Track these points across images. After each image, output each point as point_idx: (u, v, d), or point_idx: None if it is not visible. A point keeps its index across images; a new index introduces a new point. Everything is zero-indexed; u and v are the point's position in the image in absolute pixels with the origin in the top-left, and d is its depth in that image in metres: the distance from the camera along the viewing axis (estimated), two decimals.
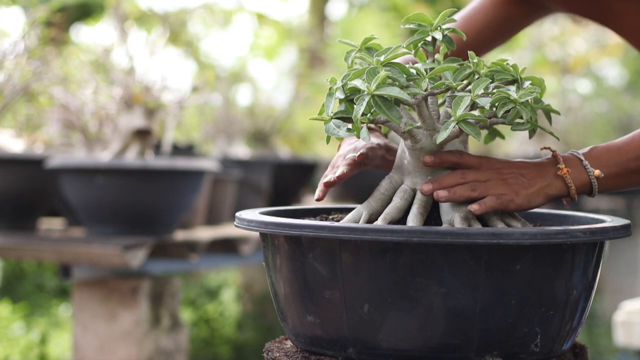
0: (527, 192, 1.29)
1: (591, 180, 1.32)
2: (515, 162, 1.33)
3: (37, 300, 5.11)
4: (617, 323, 2.85)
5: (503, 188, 1.28)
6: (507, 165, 1.32)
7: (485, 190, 1.28)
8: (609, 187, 1.35)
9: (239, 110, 4.43)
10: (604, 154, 1.34)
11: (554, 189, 1.31)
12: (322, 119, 1.24)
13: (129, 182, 2.66)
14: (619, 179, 1.35)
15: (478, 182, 1.28)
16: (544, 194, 1.30)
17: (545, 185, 1.30)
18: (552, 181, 1.31)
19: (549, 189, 1.31)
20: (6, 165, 2.88)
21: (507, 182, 1.29)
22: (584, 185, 1.32)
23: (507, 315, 1.18)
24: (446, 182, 1.29)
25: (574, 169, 1.32)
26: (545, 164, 1.33)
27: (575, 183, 1.31)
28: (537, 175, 1.31)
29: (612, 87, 7.46)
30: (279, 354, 1.30)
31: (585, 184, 1.32)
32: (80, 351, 2.76)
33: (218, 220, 3.37)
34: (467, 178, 1.29)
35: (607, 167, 1.33)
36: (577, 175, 1.32)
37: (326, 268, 1.21)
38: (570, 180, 1.31)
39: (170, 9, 5.30)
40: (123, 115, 2.78)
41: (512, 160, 1.33)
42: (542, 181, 1.30)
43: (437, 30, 1.31)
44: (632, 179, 1.36)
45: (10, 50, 2.89)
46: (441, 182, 1.29)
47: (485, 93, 1.23)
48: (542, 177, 1.31)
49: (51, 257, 2.73)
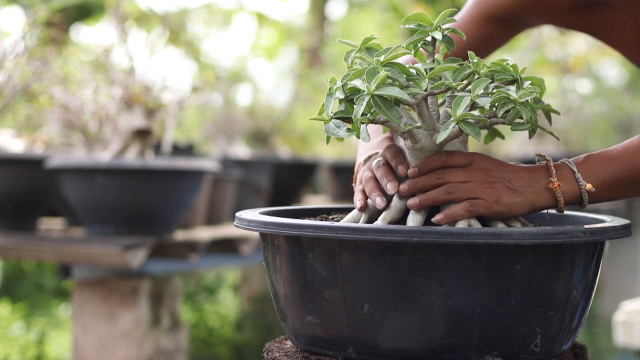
0: (510, 201, 1.25)
1: (582, 193, 1.28)
2: (507, 164, 1.29)
3: (37, 300, 5.11)
4: (617, 323, 2.85)
5: (485, 192, 1.24)
6: (497, 167, 1.27)
7: (464, 194, 1.24)
8: (600, 198, 1.31)
9: (239, 110, 4.43)
10: (597, 164, 1.30)
11: (542, 201, 1.27)
12: (322, 119, 1.24)
13: (129, 182, 2.66)
14: (611, 191, 1.31)
15: (456, 183, 1.24)
16: (529, 205, 1.27)
17: (533, 196, 1.26)
18: (541, 193, 1.27)
19: (536, 201, 1.27)
20: (6, 165, 2.88)
21: (491, 187, 1.25)
22: (574, 197, 1.29)
23: (507, 315, 1.18)
24: (422, 183, 1.25)
25: (565, 181, 1.28)
26: (537, 173, 1.28)
27: (565, 196, 1.28)
28: (526, 184, 1.27)
29: (612, 87, 7.46)
30: (279, 354, 1.30)
31: (575, 197, 1.29)
32: (80, 351, 2.76)
33: (218, 220, 3.37)
34: (445, 178, 1.25)
35: (599, 178, 1.29)
36: (567, 187, 1.28)
37: (326, 268, 1.21)
38: (560, 194, 1.27)
39: (170, 9, 5.30)
40: (123, 115, 2.78)
41: (505, 163, 1.29)
42: (530, 191, 1.26)
43: (437, 30, 1.31)
44: (624, 191, 1.32)
45: (10, 50, 2.89)
46: (417, 182, 1.25)
47: (485, 93, 1.23)
48: (531, 187, 1.27)
49: (51, 257, 2.73)
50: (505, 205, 1.25)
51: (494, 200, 1.24)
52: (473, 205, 1.23)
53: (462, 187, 1.24)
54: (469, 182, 1.25)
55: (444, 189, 1.24)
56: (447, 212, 1.23)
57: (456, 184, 1.25)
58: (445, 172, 1.26)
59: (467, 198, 1.24)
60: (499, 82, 1.27)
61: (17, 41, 2.92)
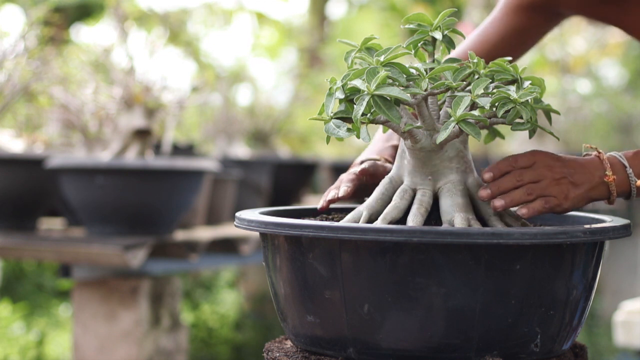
0: (575, 195, 1.30)
1: (632, 188, 1.33)
2: (565, 159, 1.33)
3: (37, 300, 5.11)
4: (617, 323, 2.85)
5: (555, 190, 1.30)
6: (559, 163, 1.32)
7: (540, 192, 1.29)
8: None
9: (239, 110, 4.43)
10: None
11: (597, 194, 1.33)
12: (322, 119, 1.24)
13: (129, 182, 2.66)
14: None
15: (533, 183, 1.29)
16: (587, 197, 1.32)
17: (590, 189, 1.32)
18: (597, 186, 1.32)
19: (592, 193, 1.32)
20: (6, 165, 2.87)
21: (559, 184, 1.30)
22: (624, 192, 1.34)
23: (507, 315, 1.18)
24: (504, 186, 1.29)
25: (617, 175, 1.33)
26: (591, 166, 1.33)
27: (617, 189, 1.33)
28: (584, 178, 1.32)
29: (612, 87, 7.46)
30: (279, 354, 1.30)
31: (625, 191, 1.34)
32: (80, 351, 2.76)
33: (218, 220, 3.37)
34: (523, 180, 1.30)
35: None
36: (619, 182, 1.33)
37: (326, 268, 1.21)
38: (614, 188, 1.32)
39: (170, 9, 5.30)
40: (123, 115, 2.78)
41: (561, 157, 1.34)
42: (588, 185, 1.32)
43: (436, 30, 1.31)
44: None
45: (10, 50, 2.89)
46: (500, 186, 1.29)
47: (485, 93, 1.23)
48: (588, 181, 1.32)
49: (51, 257, 2.73)
50: (571, 200, 1.31)
51: (563, 197, 1.30)
52: (547, 202, 1.29)
53: (538, 187, 1.29)
54: (540, 182, 1.30)
55: (525, 190, 1.29)
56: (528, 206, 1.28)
57: (532, 185, 1.30)
58: (522, 173, 1.30)
59: (542, 196, 1.30)
60: (499, 82, 1.27)
61: (17, 41, 2.92)
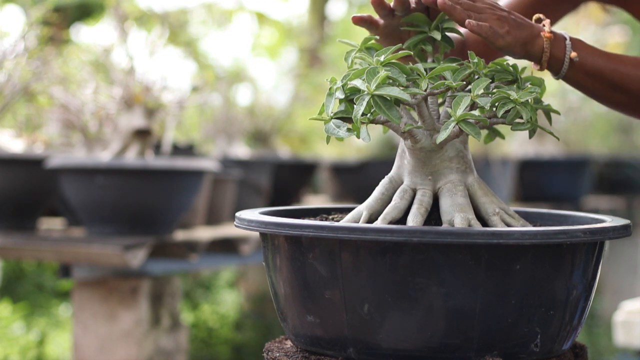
0: (514, 35, 1.32)
1: (565, 59, 1.35)
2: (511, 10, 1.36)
3: (37, 300, 5.11)
4: (617, 323, 2.85)
5: (497, 23, 1.31)
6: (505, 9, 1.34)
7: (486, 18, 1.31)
8: (575, 79, 1.37)
9: (239, 110, 4.43)
10: (589, 49, 1.37)
11: (532, 47, 1.34)
12: (322, 119, 1.24)
13: (129, 182, 2.66)
14: (587, 78, 1.37)
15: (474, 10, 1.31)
16: (523, 45, 1.33)
17: (528, 37, 1.33)
18: (534, 38, 1.34)
19: (529, 44, 1.33)
20: (6, 165, 2.87)
21: (501, 19, 1.32)
22: (557, 61, 1.35)
23: (507, 315, 1.18)
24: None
25: (555, 40, 1.35)
26: (533, 23, 1.36)
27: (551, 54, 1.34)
28: (525, 25, 1.33)
29: None
30: (279, 354, 1.30)
31: (558, 60, 1.35)
32: (80, 351, 2.76)
33: (218, 220, 3.37)
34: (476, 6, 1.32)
35: (585, 59, 1.36)
36: (555, 46, 1.35)
37: (326, 268, 1.21)
38: (548, 47, 1.34)
39: (170, 9, 5.29)
40: (123, 115, 2.78)
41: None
42: (527, 32, 1.33)
43: (435, 30, 1.31)
44: (597, 87, 1.38)
45: (10, 50, 2.89)
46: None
47: (485, 93, 1.24)
48: (530, 30, 1.33)
49: (51, 257, 2.73)
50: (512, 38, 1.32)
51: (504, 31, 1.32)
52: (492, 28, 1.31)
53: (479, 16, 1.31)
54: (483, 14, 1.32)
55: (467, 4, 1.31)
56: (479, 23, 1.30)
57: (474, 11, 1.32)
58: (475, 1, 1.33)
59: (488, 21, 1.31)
60: (499, 82, 1.28)
61: (17, 41, 2.92)
